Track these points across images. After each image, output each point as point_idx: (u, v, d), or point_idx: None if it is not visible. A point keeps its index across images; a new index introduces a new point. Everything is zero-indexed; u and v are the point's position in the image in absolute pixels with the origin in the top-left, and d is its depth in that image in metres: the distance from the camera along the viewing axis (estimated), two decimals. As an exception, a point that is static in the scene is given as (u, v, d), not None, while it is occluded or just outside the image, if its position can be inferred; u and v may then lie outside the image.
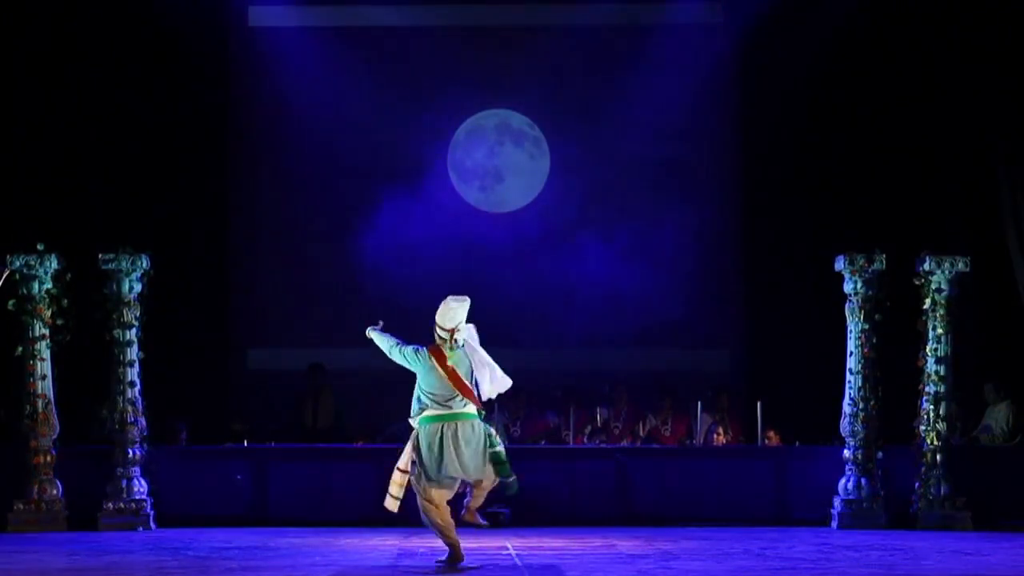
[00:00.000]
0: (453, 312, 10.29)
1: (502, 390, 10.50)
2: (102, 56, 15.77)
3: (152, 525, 13.19)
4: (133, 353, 13.27)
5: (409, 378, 10.39)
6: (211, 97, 16.28)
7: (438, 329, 10.32)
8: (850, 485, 13.37)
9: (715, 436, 14.54)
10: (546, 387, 15.50)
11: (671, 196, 16.31)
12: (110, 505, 13.13)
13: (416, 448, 10.28)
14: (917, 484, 13.42)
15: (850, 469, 13.40)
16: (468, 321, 10.40)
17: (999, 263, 15.17)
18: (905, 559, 11.07)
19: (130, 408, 13.22)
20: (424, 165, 16.64)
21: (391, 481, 10.43)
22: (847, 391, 13.46)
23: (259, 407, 15.97)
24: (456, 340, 10.29)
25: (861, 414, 13.35)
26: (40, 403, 13.14)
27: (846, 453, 13.44)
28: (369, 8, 16.72)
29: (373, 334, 10.62)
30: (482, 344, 10.48)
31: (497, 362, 10.50)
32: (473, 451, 10.21)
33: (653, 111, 16.31)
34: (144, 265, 13.30)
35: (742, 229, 16.65)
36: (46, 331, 13.14)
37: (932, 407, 13.40)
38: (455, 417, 10.22)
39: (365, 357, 16.25)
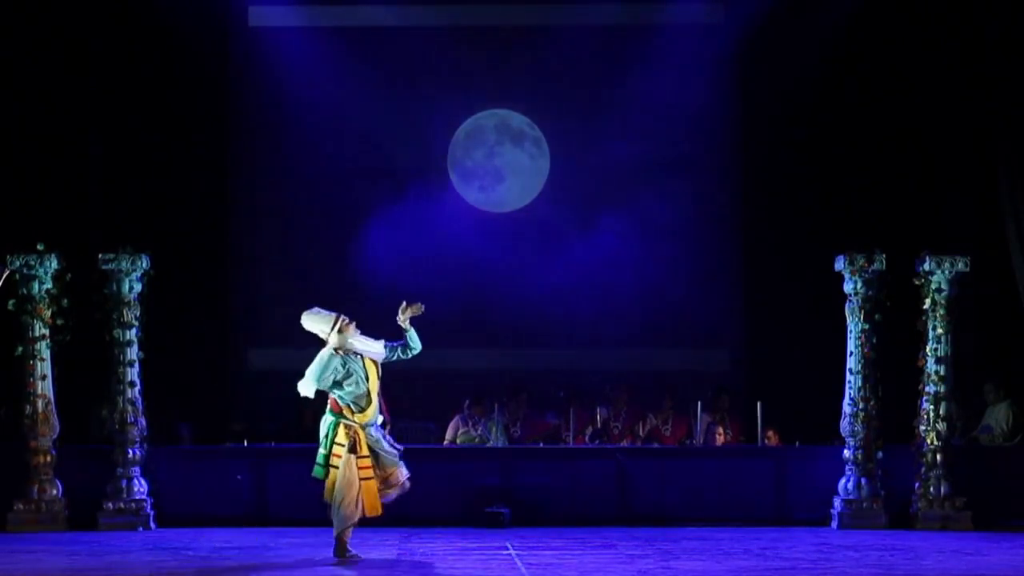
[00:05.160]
0: None
1: None
2: (102, 56, 15.77)
3: (152, 525, 13.18)
4: (133, 353, 13.27)
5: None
6: (211, 97, 16.27)
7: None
8: (850, 485, 13.37)
9: (715, 436, 14.52)
10: (546, 387, 15.48)
11: (671, 196, 16.29)
12: (110, 505, 13.13)
13: None
14: (917, 484, 13.41)
15: (850, 469, 13.40)
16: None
17: (999, 263, 15.16)
18: (905, 559, 11.09)
19: (130, 408, 13.22)
20: (424, 165, 16.64)
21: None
22: (847, 391, 13.46)
23: (259, 407, 15.95)
24: None
25: (861, 414, 13.34)
26: (40, 403, 13.14)
27: (846, 453, 13.43)
28: (369, 8, 16.70)
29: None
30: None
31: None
32: None
33: (653, 111, 16.31)
34: (144, 265, 13.30)
35: (742, 229, 16.64)
36: (46, 331, 13.13)
37: (932, 407, 13.40)
38: None
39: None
